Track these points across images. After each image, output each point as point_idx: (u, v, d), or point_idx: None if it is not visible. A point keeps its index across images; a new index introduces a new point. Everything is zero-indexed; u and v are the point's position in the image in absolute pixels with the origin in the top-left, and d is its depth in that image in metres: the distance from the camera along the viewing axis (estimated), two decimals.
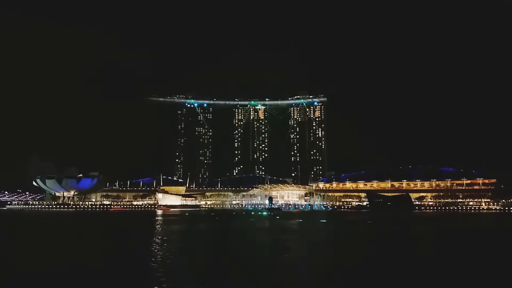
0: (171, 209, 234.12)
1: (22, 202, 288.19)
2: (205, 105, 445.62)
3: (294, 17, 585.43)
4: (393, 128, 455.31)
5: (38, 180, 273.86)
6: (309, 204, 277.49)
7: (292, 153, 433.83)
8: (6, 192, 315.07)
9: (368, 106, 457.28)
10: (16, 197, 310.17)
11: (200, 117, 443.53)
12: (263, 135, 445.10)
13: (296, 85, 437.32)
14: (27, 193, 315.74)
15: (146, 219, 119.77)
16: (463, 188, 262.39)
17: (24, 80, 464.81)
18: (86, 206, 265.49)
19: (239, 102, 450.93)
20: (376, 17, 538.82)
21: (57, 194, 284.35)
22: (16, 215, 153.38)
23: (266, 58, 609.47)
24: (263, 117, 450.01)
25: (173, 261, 37.18)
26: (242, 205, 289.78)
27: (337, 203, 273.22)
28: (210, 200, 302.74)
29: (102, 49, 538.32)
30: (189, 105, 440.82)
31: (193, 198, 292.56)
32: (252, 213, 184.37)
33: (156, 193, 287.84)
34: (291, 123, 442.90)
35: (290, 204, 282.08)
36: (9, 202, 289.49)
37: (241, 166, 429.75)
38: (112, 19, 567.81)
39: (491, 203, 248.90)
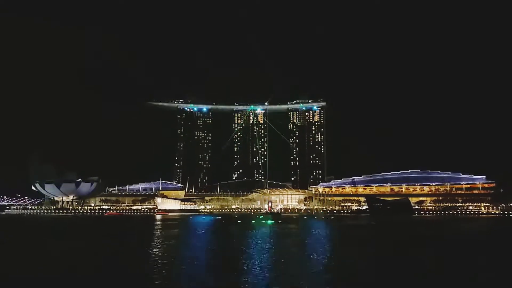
0: (170, 214, 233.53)
1: (21, 207, 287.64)
2: (204, 109, 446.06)
3: (294, 21, 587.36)
4: (393, 132, 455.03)
5: (37, 185, 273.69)
6: (309, 209, 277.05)
7: (292, 157, 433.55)
8: (5, 197, 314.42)
9: (367, 110, 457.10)
10: (15, 202, 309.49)
11: (200, 122, 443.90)
12: (262, 140, 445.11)
13: (295, 90, 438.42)
14: (26, 197, 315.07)
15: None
16: (463, 192, 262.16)
17: (23, 83, 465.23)
18: (84, 211, 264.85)
19: (239, 107, 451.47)
20: (376, 20, 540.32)
21: (56, 198, 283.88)
22: (13, 220, 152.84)
23: (266, 62, 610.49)
24: (262, 122, 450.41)
25: None
26: (241, 209, 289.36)
27: (337, 208, 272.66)
28: (210, 205, 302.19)
29: (102, 52, 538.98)
30: (188, 110, 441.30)
31: (193, 203, 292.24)
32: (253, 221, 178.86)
33: (155, 197, 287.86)
34: (290, 127, 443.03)
35: (289, 209, 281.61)
36: (8, 207, 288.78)
37: (241, 171, 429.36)
38: (112, 22, 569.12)
39: (490, 207, 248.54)
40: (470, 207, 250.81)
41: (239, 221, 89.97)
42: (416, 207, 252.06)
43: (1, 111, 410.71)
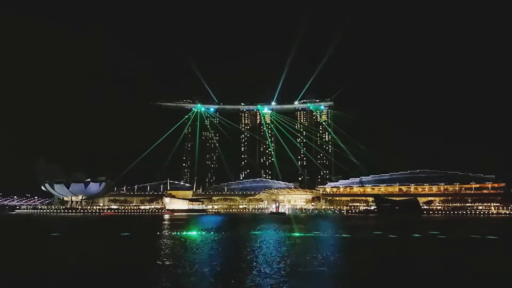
0: (176, 214, 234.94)
1: (31, 207, 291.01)
2: (211, 109, 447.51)
3: (298, 19, 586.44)
4: (401, 131, 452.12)
5: (46, 185, 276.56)
6: (316, 209, 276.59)
7: (299, 157, 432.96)
8: (15, 197, 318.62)
9: (375, 110, 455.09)
10: (25, 202, 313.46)
11: (207, 122, 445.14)
12: (269, 139, 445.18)
13: (302, 89, 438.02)
14: (36, 197, 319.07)
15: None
16: (472, 192, 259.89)
17: (31, 84, 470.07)
18: (93, 211, 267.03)
19: (246, 107, 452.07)
20: (380, 19, 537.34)
21: (65, 198, 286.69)
22: (23, 220, 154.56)
23: (272, 62, 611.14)
24: (269, 121, 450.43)
25: None
26: (249, 209, 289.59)
27: (344, 208, 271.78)
28: (217, 205, 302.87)
29: (109, 52, 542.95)
30: (196, 110, 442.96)
31: (200, 203, 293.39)
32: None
33: (163, 197, 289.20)
34: (297, 127, 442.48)
35: (297, 209, 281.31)
36: (18, 207, 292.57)
37: (248, 170, 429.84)
38: (117, 22, 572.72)
39: (500, 208, 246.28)
40: (480, 207, 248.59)
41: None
42: (425, 207, 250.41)
43: (11, 113, 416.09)
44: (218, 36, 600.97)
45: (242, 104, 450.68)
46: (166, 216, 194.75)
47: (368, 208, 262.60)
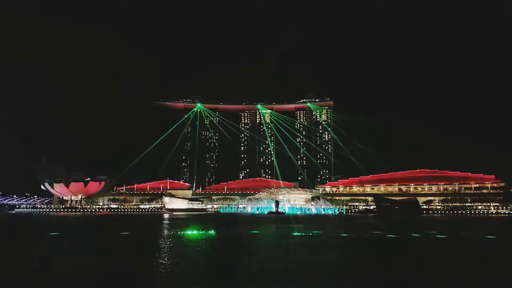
0: (175, 213, 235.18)
1: (30, 206, 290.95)
2: (211, 109, 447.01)
3: (299, 19, 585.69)
4: (400, 131, 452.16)
5: (46, 184, 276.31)
6: (316, 208, 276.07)
7: (299, 156, 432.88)
8: (15, 196, 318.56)
9: (375, 109, 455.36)
10: (24, 201, 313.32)
11: (207, 121, 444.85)
12: (269, 139, 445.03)
13: (302, 89, 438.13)
14: (35, 196, 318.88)
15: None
16: (472, 192, 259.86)
17: (30, 83, 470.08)
18: (93, 210, 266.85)
19: (246, 106, 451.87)
20: (379, 19, 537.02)
21: (65, 198, 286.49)
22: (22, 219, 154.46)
23: (272, 61, 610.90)
24: (269, 121, 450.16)
25: None
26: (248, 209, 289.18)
27: (344, 207, 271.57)
28: (217, 204, 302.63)
29: (109, 52, 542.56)
30: (195, 109, 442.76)
31: (200, 202, 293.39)
32: None
33: (163, 196, 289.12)
34: (297, 126, 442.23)
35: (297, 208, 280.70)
36: (17, 206, 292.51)
37: (248, 170, 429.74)
38: (116, 21, 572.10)
39: (500, 207, 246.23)
40: (479, 207, 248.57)
41: None
42: (424, 206, 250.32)
43: (10, 113, 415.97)
44: (218, 35, 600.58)
45: (243, 103, 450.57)
46: (166, 216, 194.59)
47: (368, 207, 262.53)
